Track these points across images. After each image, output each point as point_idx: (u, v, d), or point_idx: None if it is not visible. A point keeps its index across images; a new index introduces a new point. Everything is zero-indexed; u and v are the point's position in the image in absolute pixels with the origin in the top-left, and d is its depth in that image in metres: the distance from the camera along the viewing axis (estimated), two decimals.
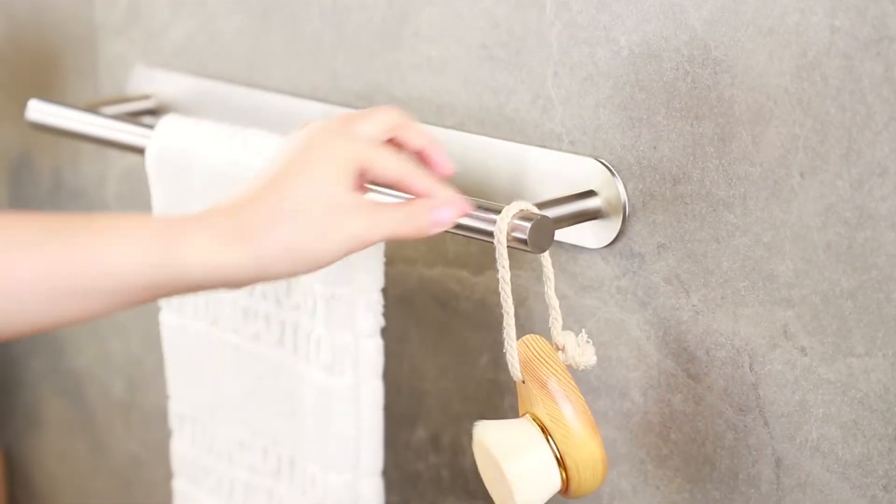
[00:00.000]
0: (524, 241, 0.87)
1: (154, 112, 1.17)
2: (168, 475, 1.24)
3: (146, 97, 1.16)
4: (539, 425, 0.87)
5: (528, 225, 0.87)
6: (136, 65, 1.18)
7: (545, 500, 0.88)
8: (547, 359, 0.88)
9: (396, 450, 1.09)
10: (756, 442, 0.88)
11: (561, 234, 0.93)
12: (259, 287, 1.03)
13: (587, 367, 0.89)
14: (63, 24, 1.22)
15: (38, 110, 1.13)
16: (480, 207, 0.88)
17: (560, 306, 0.90)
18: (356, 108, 1.05)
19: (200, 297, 1.08)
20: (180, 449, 1.11)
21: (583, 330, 0.90)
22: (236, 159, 1.02)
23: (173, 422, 1.12)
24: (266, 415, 1.05)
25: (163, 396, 1.23)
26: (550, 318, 0.90)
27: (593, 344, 0.89)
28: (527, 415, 0.89)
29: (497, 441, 0.88)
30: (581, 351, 0.90)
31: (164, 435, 1.23)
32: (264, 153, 1.01)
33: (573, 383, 0.88)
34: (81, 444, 1.30)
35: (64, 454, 1.31)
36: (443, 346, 1.05)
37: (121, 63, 1.19)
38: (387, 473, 1.08)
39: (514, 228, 0.87)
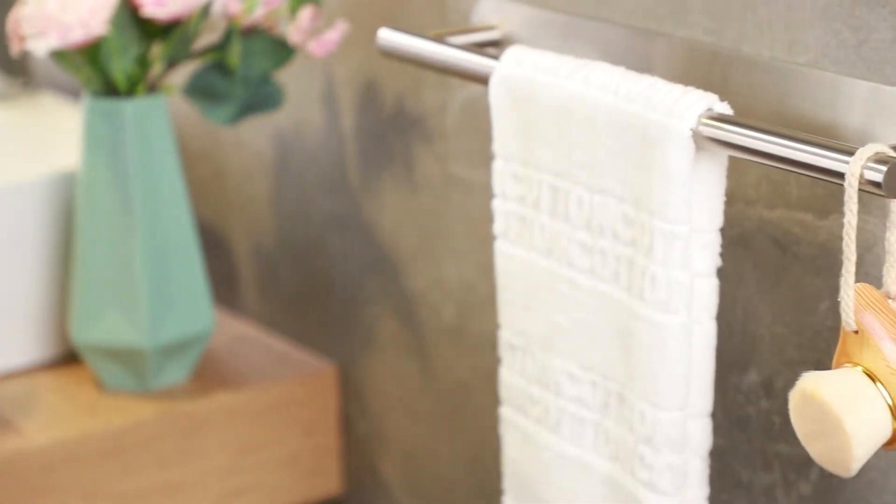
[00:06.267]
0: (878, 185, 0.85)
1: (498, 44, 1.17)
2: (495, 402, 1.26)
3: (491, 28, 1.17)
4: (868, 376, 0.86)
5: (883, 168, 0.85)
6: None
7: (873, 452, 0.87)
8: (880, 307, 0.87)
9: (725, 393, 1.07)
10: None
11: None
12: (596, 221, 1.03)
13: None
14: None
15: (388, 39, 1.15)
16: (831, 148, 0.87)
17: None
18: (703, 42, 1.03)
19: (536, 229, 1.08)
20: (509, 378, 1.13)
21: None
22: (580, 94, 1.02)
23: (503, 350, 1.13)
24: (597, 349, 1.05)
25: (493, 324, 1.24)
26: (886, 264, 0.88)
27: None
28: (858, 366, 0.87)
29: (835, 394, 0.86)
30: None
31: (492, 362, 1.25)
32: (608, 88, 1.01)
33: None
34: (412, 365, 1.32)
35: (396, 374, 1.34)
36: (780, 291, 1.03)
37: None
38: (714, 416, 1.07)
39: (867, 171, 0.85)
